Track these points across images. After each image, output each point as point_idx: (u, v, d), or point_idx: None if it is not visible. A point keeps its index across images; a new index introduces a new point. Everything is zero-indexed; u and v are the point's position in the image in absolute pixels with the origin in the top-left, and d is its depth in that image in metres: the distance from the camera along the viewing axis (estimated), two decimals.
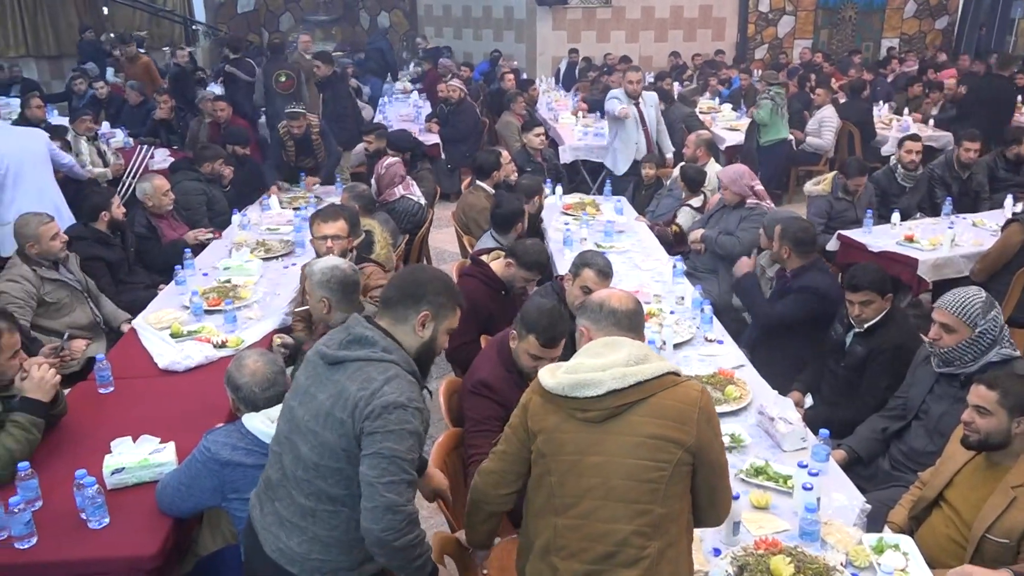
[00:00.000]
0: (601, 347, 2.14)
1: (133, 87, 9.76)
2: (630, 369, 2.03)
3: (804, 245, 4.02)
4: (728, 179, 5.12)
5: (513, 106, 8.77)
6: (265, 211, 6.07)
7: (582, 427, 2.04)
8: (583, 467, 2.03)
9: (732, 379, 3.43)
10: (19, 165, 5.21)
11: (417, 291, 2.24)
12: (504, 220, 4.58)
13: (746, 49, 14.66)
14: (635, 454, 2.00)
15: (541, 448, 2.09)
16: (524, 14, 13.71)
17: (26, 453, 2.80)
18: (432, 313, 2.24)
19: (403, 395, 2.11)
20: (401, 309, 2.24)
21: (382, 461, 2.09)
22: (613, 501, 2.00)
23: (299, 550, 2.23)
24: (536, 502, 2.13)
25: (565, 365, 2.12)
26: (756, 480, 2.77)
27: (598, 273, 3.46)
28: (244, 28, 15.44)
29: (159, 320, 4.11)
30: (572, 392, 2.04)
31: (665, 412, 2.02)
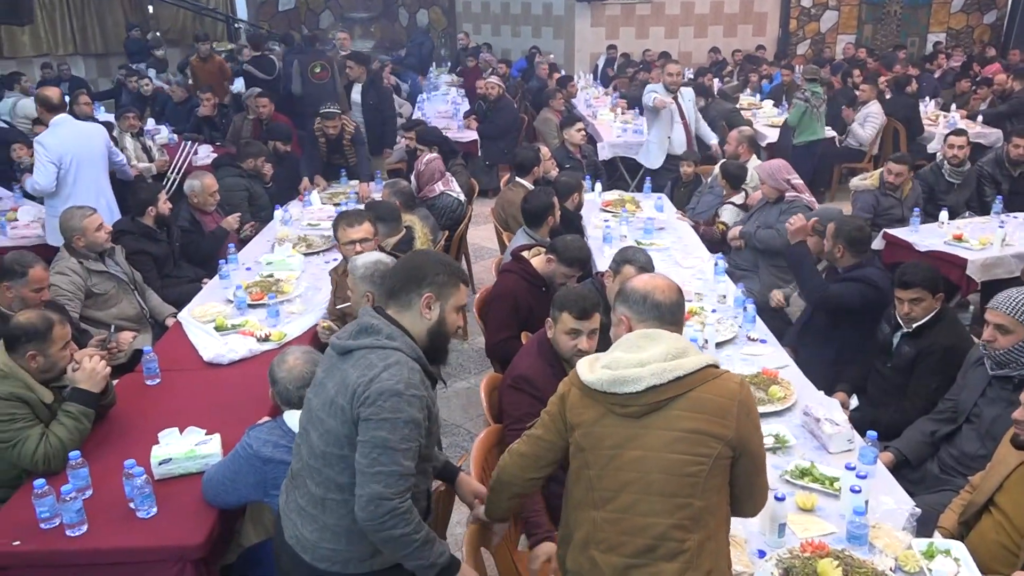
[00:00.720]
0: (639, 340, 2.12)
1: (180, 83, 9.90)
2: (669, 364, 2.02)
3: (858, 244, 3.95)
4: (765, 174, 5.07)
5: (552, 102, 8.75)
6: (306, 207, 6.13)
7: (621, 422, 2.03)
8: (622, 461, 2.02)
9: (776, 379, 3.38)
10: (80, 161, 5.24)
11: (417, 274, 2.24)
12: (534, 215, 4.57)
13: (787, 45, 14.46)
14: (674, 448, 1.99)
15: (580, 442, 2.08)
16: (563, 10, 13.66)
17: (77, 443, 2.87)
18: (435, 293, 2.23)
19: (400, 382, 2.09)
20: (404, 295, 2.23)
21: (373, 450, 2.08)
22: (652, 495, 1.99)
23: (311, 538, 2.25)
24: (575, 495, 2.12)
25: (604, 359, 2.11)
26: (801, 482, 2.73)
27: (639, 270, 3.42)
28: (285, 25, 15.59)
29: (204, 314, 4.17)
30: (611, 388, 2.02)
31: (705, 406, 2.01)
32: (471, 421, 4.68)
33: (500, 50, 14.48)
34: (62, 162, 5.17)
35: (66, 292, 4.09)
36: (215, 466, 2.70)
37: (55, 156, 5.13)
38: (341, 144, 6.82)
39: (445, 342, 2.32)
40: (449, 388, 5.04)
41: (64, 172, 5.18)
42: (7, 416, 2.82)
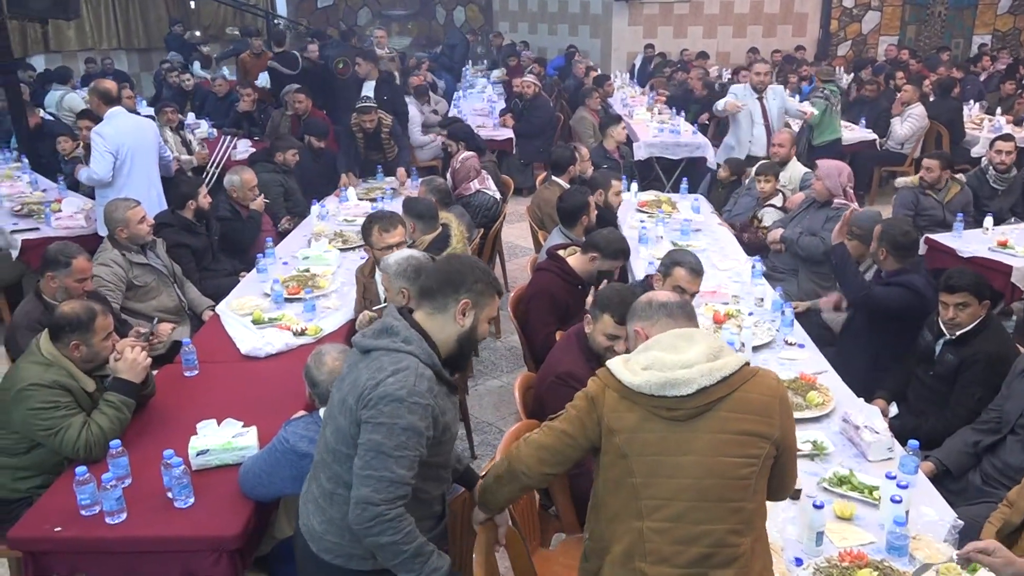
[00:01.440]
0: (676, 340, 2.07)
1: (226, 78, 10.01)
2: (715, 364, 1.99)
3: (903, 249, 3.87)
4: (824, 171, 4.94)
5: (588, 102, 8.71)
6: (342, 202, 6.17)
7: (667, 426, 1.97)
8: (671, 467, 1.97)
9: (814, 384, 3.33)
10: (135, 152, 5.30)
11: (456, 279, 2.21)
12: (569, 213, 4.56)
13: (828, 45, 14.26)
14: (726, 451, 1.96)
15: (622, 448, 2.00)
16: (600, 9, 13.60)
17: (117, 432, 2.91)
18: (473, 301, 2.21)
19: (403, 388, 2.06)
20: (440, 298, 2.20)
21: (366, 453, 2.07)
22: (708, 501, 1.95)
23: (318, 529, 2.26)
24: (613, 505, 2.04)
25: (640, 359, 2.04)
26: (840, 489, 2.69)
27: (690, 271, 3.39)
28: (323, 22, 15.72)
29: (241, 307, 4.21)
30: (661, 391, 1.96)
31: (750, 406, 1.99)
32: (503, 420, 4.68)
33: (536, 48, 14.47)
34: (119, 152, 5.22)
35: (108, 283, 4.16)
36: (252, 459, 2.72)
37: (113, 146, 5.18)
38: (379, 138, 6.85)
39: (471, 350, 2.31)
40: (481, 386, 5.05)
41: (120, 163, 5.24)
42: (50, 404, 2.87)
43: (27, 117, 7.40)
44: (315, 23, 15.35)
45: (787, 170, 5.94)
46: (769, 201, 5.65)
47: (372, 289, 3.97)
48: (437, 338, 2.20)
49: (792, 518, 2.55)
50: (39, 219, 5.85)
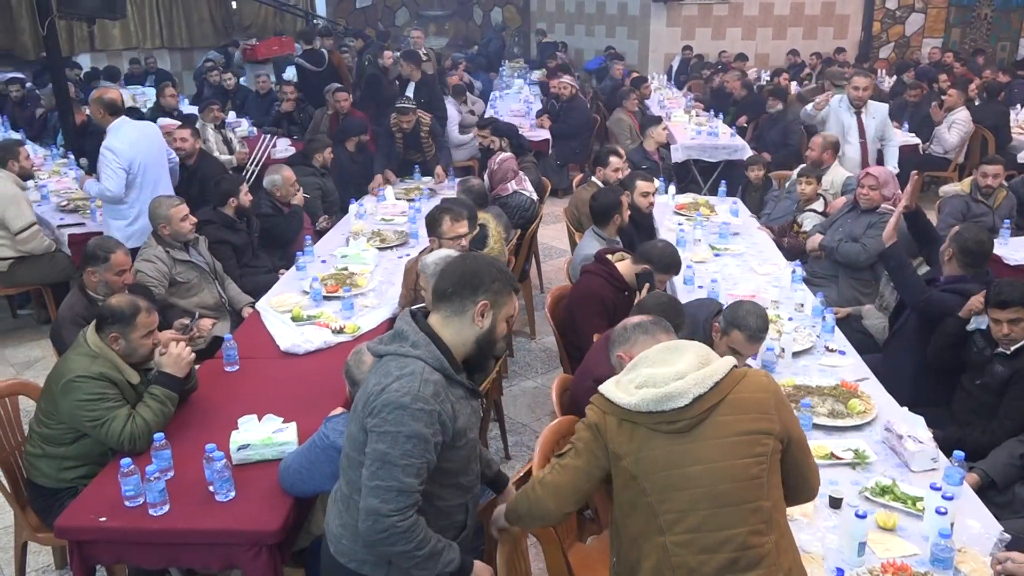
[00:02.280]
0: (663, 353, 2.08)
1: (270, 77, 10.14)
2: (705, 371, 1.98)
3: (971, 256, 3.75)
4: (883, 179, 4.82)
5: (625, 103, 8.67)
6: (380, 202, 6.21)
7: (670, 440, 1.97)
8: (682, 480, 1.96)
9: (856, 392, 3.29)
10: (146, 167, 5.16)
11: (473, 280, 2.15)
12: (600, 213, 4.53)
13: (870, 48, 14.05)
14: (733, 454, 1.96)
15: (630, 470, 1.99)
16: (638, 10, 13.54)
17: (161, 425, 2.96)
18: (491, 301, 2.15)
19: (407, 395, 2.02)
20: (458, 301, 2.14)
21: (373, 463, 2.04)
22: (724, 506, 1.94)
23: (336, 531, 2.26)
24: (633, 527, 2.03)
25: (634, 378, 2.03)
26: (882, 499, 2.64)
27: (749, 338, 3.17)
28: (362, 22, 15.85)
29: (281, 303, 4.26)
30: (657, 407, 1.96)
31: (746, 406, 1.99)
32: (537, 421, 4.68)
33: (573, 50, 14.45)
34: (131, 167, 5.04)
35: (152, 279, 4.23)
36: (292, 454, 2.74)
37: (125, 161, 5.00)
38: (419, 138, 6.89)
39: (491, 351, 2.26)
40: (516, 387, 5.05)
41: (132, 177, 5.06)
42: (96, 395, 2.93)
43: (74, 114, 7.55)
44: (354, 23, 15.49)
45: (829, 174, 5.85)
46: (810, 205, 5.58)
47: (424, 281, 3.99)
48: (454, 342, 2.16)
49: (833, 527, 2.51)
50: (84, 214, 5.97)
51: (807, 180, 5.59)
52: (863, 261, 4.70)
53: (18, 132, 8.51)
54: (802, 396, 3.20)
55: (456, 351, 2.17)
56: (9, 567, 3.45)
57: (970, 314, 3.55)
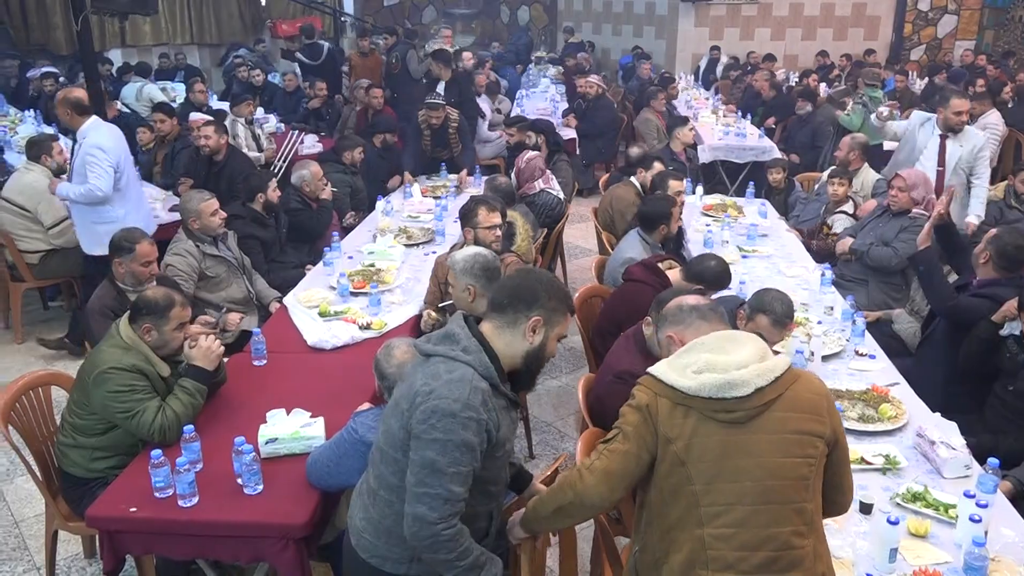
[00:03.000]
0: (720, 341, 2.03)
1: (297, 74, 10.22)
2: (767, 364, 1.96)
3: (1008, 259, 3.68)
4: (913, 182, 4.74)
5: (653, 103, 8.63)
6: (407, 199, 6.23)
7: (724, 429, 1.93)
8: (731, 471, 1.92)
9: (887, 397, 3.25)
10: (127, 164, 5.06)
11: (528, 295, 2.17)
12: (649, 219, 4.50)
13: (900, 50, 13.89)
14: (786, 452, 1.93)
15: (680, 455, 1.95)
16: (666, 10, 13.48)
17: (190, 417, 2.98)
18: (544, 319, 2.17)
19: (457, 402, 2.03)
20: (511, 313, 2.16)
21: (421, 470, 2.05)
22: (771, 504, 1.92)
23: (359, 525, 2.27)
24: (671, 515, 1.98)
25: (691, 363, 1.99)
26: (914, 506, 2.61)
27: (774, 323, 3.19)
28: (389, 20, 15.91)
29: (308, 299, 4.28)
30: (719, 393, 1.92)
31: (802, 405, 1.97)
32: (561, 420, 4.67)
33: (600, 49, 14.41)
34: (119, 165, 4.92)
35: (181, 272, 4.27)
36: (319, 449, 2.75)
37: (114, 159, 4.88)
38: (446, 135, 6.91)
39: (539, 368, 2.26)
40: (540, 386, 5.04)
41: (119, 175, 4.93)
42: (127, 387, 2.95)
43: (106, 109, 7.63)
44: (381, 20, 15.54)
45: (859, 176, 5.79)
46: (840, 208, 5.52)
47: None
48: (503, 353, 2.17)
49: (864, 533, 2.48)
50: None
51: (839, 181, 5.53)
52: (894, 265, 4.65)
53: (51, 126, 8.62)
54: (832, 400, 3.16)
55: (504, 362, 2.18)
56: (40, 555, 3.50)
57: (1004, 319, 3.50)
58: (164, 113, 7.20)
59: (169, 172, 6.85)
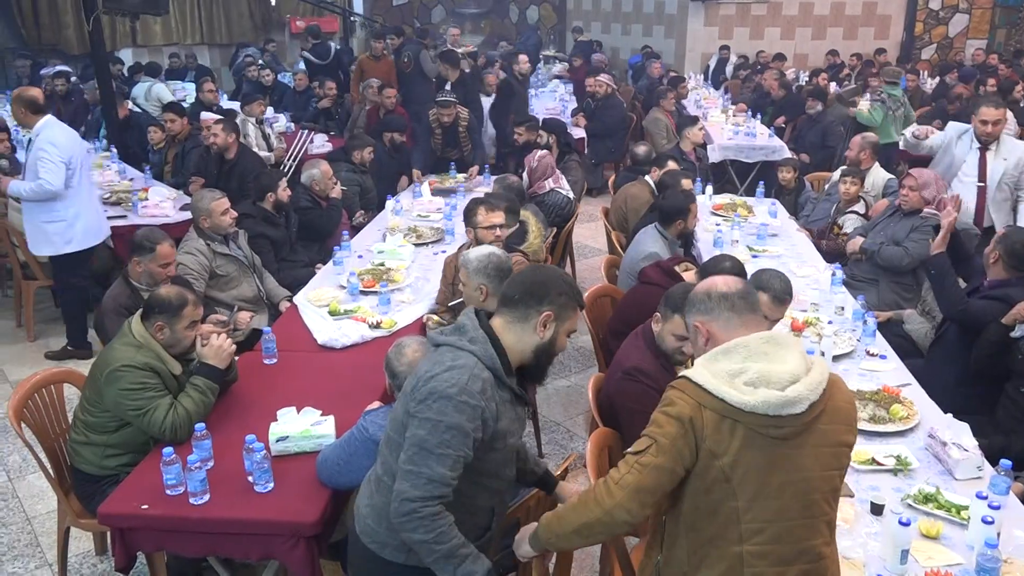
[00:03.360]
0: (766, 345, 1.91)
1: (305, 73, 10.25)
2: (815, 376, 1.89)
3: (1017, 259, 3.66)
4: (923, 181, 4.70)
5: (662, 102, 8.62)
6: (416, 198, 6.23)
7: (772, 444, 1.85)
8: (777, 488, 1.87)
9: (898, 397, 3.23)
10: (81, 162, 5.04)
11: (539, 290, 2.17)
12: (667, 214, 4.50)
13: (911, 49, 13.83)
14: (826, 465, 1.91)
15: (725, 471, 1.86)
16: (675, 9, 13.46)
17: (202, 415, 2.99)
18: (555, 313, 2.17)
19: (455, 386, 2.05)
20: (523, 308, 2.17)
21: (410, 448, 2.08)
22: (812, 518, 1.89)
23: (363, 511, 2.29)
24: (706, 530, 1.93)
25: (742, 374, 1.87)
26: (925, 507, 2.60)
27: (773, 299, 3.22)
28: (398, 19, 15.93)
29: (318, 298, 4.29)
30: (777, 411, 1.83)
31: (841, 416, 1.94)
32: (571, 420, 4.67)
33: (610, 48, 14.39)
34: (71, 162, 4.90)
35: (192, 271, 4.29)
36: (330, 447, 2.76)
37: (66, 155, 4.86)
38: (457, 133, 6.92)
39: (549, 362, 2.27)
40: (549, 386, 5.04)
41: (71, 173, 4.90)
42: (139, 385, 2.97)
43: (117, 108, 7.67)
44: (390, 20, 15.56)
45: (869, 176, 5.77)
46: (851, 208, 5.49)
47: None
48: (512, 347, 2.18)
49: (875, 533, 2.47)
50: (127, 207, 6.07)
51: (851, 181, 5.50)
52: (905, 265, 4.62)
53: None
54: None
55: (513, 356, 2.18)
56: (51, 551, 3.52)
57: (1014, 321, 3.48)
58: (174, 113, 7.24)
59: (180, 171, 6.88)
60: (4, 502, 3.93)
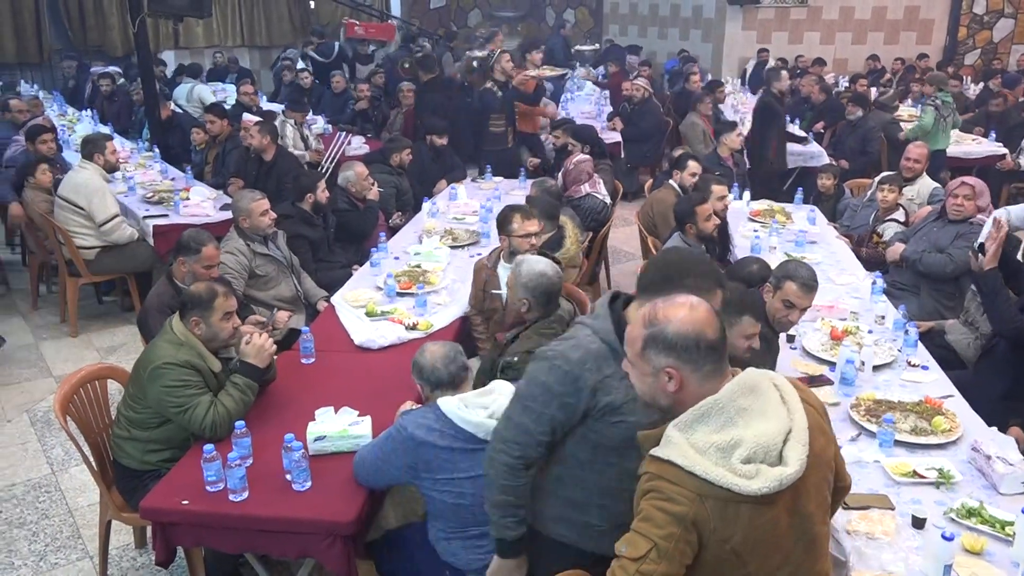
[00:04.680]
0: (740, 400, 1.76)
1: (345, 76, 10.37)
2: (799, 420, 1.77)
3: None
4: (980, 189, 4.63)
5: (700, 107, 8.55)
6: (452, 200, 6.26)
7: (773, 504, 1.74)
8: (781, 538, 1.78)
9: (940, 409, 3.18)
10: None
11: (674, 275, 2.15)
12: (677, 218, 4.49)
13: (954, 54, 13.59)
14: (821, 491, 1.87)
15: (737, 550, 1.74)
16: (713, 13, 13.36)
17: (241, 413, 3.04)
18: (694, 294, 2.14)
19: (554, 351, 2.17)
20: (654, 292, 2.07)
21: (513, 398, 2.28)
22: (813, 547, 1.85)
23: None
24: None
25: (732, 449, 1.71)
26: (969, 522, 2.55)
27: (802, 286, 3.27)
28: (435, 23, 16.02)
29: (356, 298, 4.33)
30: (780, 488, 1.70)
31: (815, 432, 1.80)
32: None
33: (646, 52, 14.32)
34: None
35: (232, 271, 4.35)
36: (367, 447, 2.77)
37: None
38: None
39: None
40: None
41: None
42: (181, 382, 3.02)
43: (160, 109, 7.81)
44: (427, 24, 15.66)
45: (915, 184, 5.68)
46: (890, 216, 5.41)
47: (494, 281, 4.01)
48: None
49: (917, 548, 2.43)
50: (168, 206, 6.17)
51: (889, 188, 5.42)
52: (949, 272, 4.52)
53: (107, 126, 8.84)
54: (884, 411, 3.11)
55: None
56: (92, 543, 3.59)
57: None
58: (215, 114, 7.35)
59: (220, 172, 6.98)
60: (48, 494, 4.01)
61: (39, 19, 12.55)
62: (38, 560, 3.56)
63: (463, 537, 2.64)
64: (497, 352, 3.45)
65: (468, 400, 2.62)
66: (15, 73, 12.50)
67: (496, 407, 2.56)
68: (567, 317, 3.39)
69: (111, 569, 3.42)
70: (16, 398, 4.90)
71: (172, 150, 7.84)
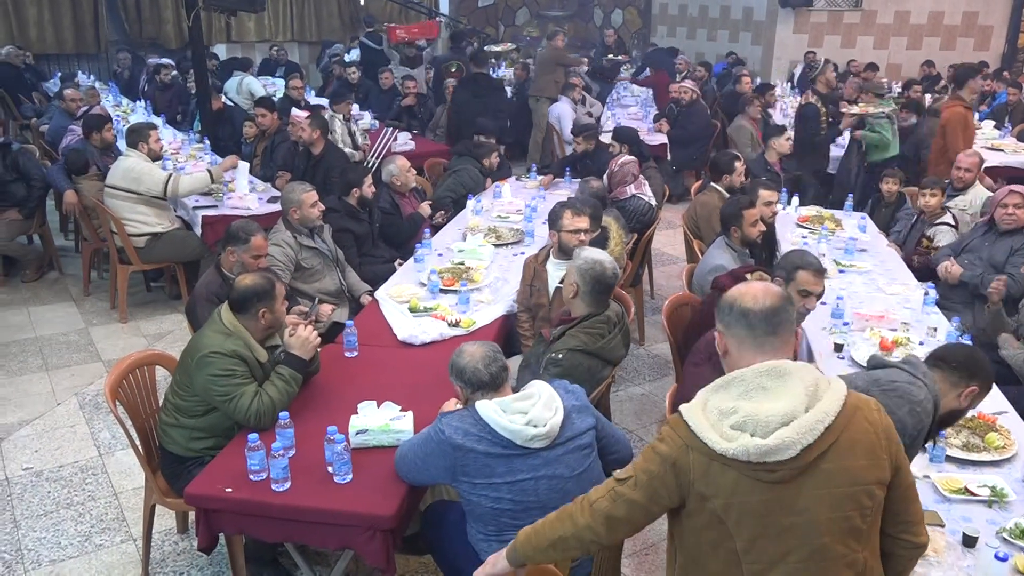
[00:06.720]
0: (762, 378, 1.82)
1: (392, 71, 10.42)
2: (815, 415, 1.76)
3: None
4: None
5: (748, 110, 8.44)
6: (496, 199, 6.26)
7: (768, 488, 1.77)
8: (777, 531, 1.78)
9: (994, 425, 3.09)
10: None
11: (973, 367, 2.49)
12: (722, 221, 4.43)
13: (1014, 61, 13.24)
14: (836, 507, 1.78)
15: (718, 514, 1.80)
16: (764, 15, 13.19)
17: (285, 404, 3.06)
18: (979, 389, 2.41)
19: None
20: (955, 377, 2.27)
21: None
22: (823, 560, 1.79)
23: None
24: (710, 566, 1.88)
25: (728, 414, 1.80)
26: (1022, 542, 2.47)
27: (814, 273, 3.29)
28: (483, 21, 16.05)
29: (399, 294, 4.34)
30: (761, 459, 1.74)
31: (856, 451, 1.79)
32: (643, 428, 4.61)
33: (694, 54, 14.19)
34: None
35: (279, 263, 4.40)
36: (407, 444, 2.76)
37: None
38: None
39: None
40: (623, 392, 5.00)
41: None
42: (228, 371, 3.05)
43: (212, 101, 7.93)
44: (475, 22, 15.70)
45: (968, 194, 5.54)
46: (940, 219, 5.26)
47: (542, 277, 4.01)
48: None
49: (968, 567, 2.37)
50: (217, 197, 6.26)
51: (931, 192, 5.25)
52: (1015, 294, 4.35)
53: (160, 116, 9.01)
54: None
55: None
56: (136, 526, 3.66)
57: None
58: (265, 108, 7.43)
59: (268, 165, 7.07)
60: (94, 476, 4.10)
61: (97, 11, 12.87)
62: (83, 540, 3.63)
63: (500, 541, 2.61)
64: (542, 348, 3.44)
65: (506, 405, 2.58)
66: (73, 64, 12.82)
67: (535, 414, 2.52)
68: (615, 319, 3.37)
69: (153, 553, 3.49)
70: (66, 381, 5.02)
71: (222, 142, 7.96)
